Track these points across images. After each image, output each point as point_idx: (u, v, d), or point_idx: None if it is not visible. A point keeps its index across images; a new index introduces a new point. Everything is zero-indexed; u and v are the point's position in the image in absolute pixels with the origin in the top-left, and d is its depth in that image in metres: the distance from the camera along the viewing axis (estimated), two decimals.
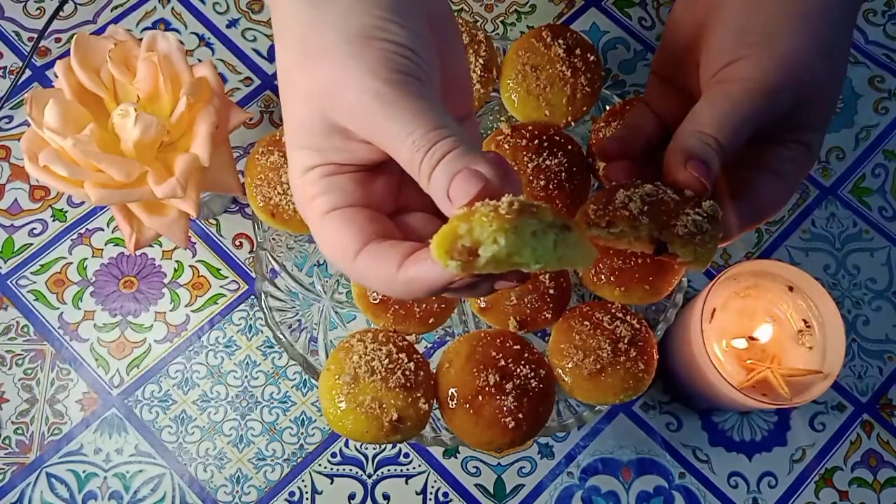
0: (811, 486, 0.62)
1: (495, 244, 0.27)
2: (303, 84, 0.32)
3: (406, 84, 0.30)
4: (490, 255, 0.28)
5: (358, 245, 0.32)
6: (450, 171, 0.29)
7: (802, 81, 0.38)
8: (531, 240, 0.28)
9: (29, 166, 0.51)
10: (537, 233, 0.28)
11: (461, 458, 0.62)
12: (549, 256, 0.29)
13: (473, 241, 0.28)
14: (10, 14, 0.75)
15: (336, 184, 0.33)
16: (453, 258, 0.28)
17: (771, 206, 0.41)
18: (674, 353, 0.60)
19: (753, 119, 0.38)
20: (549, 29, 0.57)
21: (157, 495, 0.61)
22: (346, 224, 0.32)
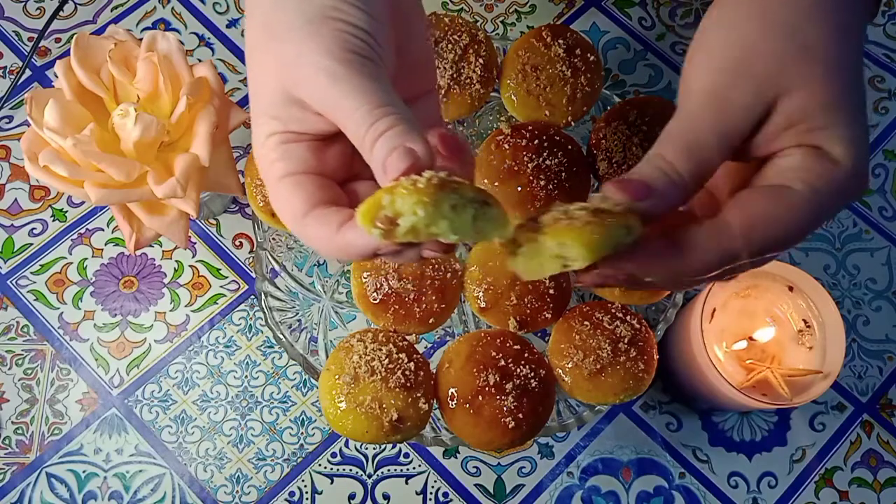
0: (811, 486, 0.62)
1: (414, 215, 0.30)
2: (266, 61, 0.35)
3: (357, 64, 0.33)
4: (409, 224, 0.30)
5: (306, 208, 0.35)
6: (388, 146, 0.32)
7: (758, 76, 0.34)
8: (449, 213, 0.30)
9: (29, 166, 0.51)
10: (457, 207, 0.31)
11: (461, 458, 0.62)
12: (466, 229, 0.31)
13: (395, 212, 0.30)
14: (10, 14, 0.75)
15: (292, 151, 0.36)
16: (376, 226, 0.30)
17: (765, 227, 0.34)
18: (674, 354, 0.60)
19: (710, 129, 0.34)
20: (549, 29, 0.57)
21: (157, 495, 0.61)
22: (298, 188, 0.35)
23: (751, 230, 0.34)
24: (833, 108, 0.34)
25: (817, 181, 0.34)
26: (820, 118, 0.34)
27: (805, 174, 0.34)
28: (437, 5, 0.76)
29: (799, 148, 0.34)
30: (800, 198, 0.34)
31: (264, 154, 0.36)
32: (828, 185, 0.34)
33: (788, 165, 0.35)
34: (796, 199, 0.34)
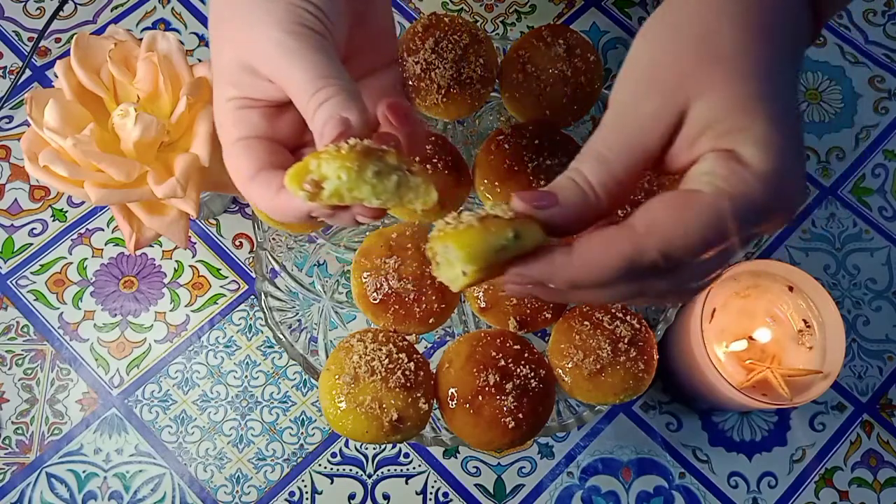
0: (811, 486, 0.62)
1: (338, 179, 0.32)
2: (227, 32, 0.38)
3: (305, 36, 0.36)
4: (332, 188, 0.32)
5: (252, 171, 0.37)
6: (325, 114, 0.34)
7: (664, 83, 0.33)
8: (372, 179, 0.33)
9: (29, 166, 0.51)
10: (381, 173, 0.33)
11: (461, 458, 0.62)
12: (388, 195, 0.33)
13: (321, 176, 0.32)
14: (10, 14, 0.75)
15: (247, 116, 0.38)
16: (303, 189, 0.33)
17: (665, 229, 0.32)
18: (674, 353, 0.60)
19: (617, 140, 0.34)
20: (549, 29, 0.57)
21: (157, 495, 0.61)
22: (247, 151, 0.38)
23: (650, 233, 0.32)
24: (744, 109, 0.32)
25: (723, 183, 0.32)
26: (731, 120, 0.32)
27: (711, 177, 0.32)
28: (437, 5, 0.76)
29: (713, 153, 0.33)
30: (703, 200, 0.32)
31: (222, 118, 0.39)
32: (734, 188, 0.32)
33: (699, 170, 0.33)
34: (699, 201, 0.32)
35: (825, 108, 0.74)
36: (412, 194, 0.34)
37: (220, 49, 0.38)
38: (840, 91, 0.74)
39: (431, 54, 0.55)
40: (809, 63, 0.75)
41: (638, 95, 0.34)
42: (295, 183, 0.33)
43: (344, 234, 0.62)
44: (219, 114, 0.39)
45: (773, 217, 0.33)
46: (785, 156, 0.32)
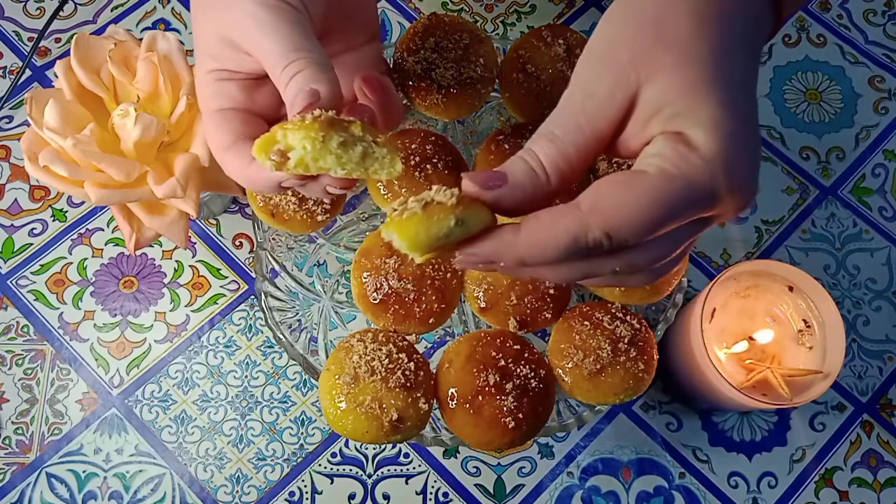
0: (811, 486, 0.62)
1: (302, 149, 0.33)
2: (207, 7, 0.39)
3: (281, 10, 0.37)
4: (297, 158, 0.33)
5: (228, 141, 0.39)
6: (296, 87, 0.35)
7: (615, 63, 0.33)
8: (337, 149, 0.33)
9: (29, 166, 0.51)
10: (346, 143, 0.33)
11: (461, 458, 0.62)
12: (353, 165, 0.34)
13: (286, 146, 0.33)
14: (10, 14, 0.75)
15: (225, 88, 0.40)
16: (269, 159, 0.34)
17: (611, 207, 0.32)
18: (674, 353, 0.60)
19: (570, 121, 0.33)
20: (550, 29, 0.57)
21: (157, 495, 0.61)
22: (224, 122, 0.39)
23: (594, 211, 0.32)
24: (694, 92, 0.32)
25: (668, 165, 0.32)
26: (680, 102, 0.32)
27: (658, 159, 0.32)
28: (437, 5, 0.76)
29: (662, 135, 0.33)
30: (647, 181, 0.31)
31: (202, 89, 0.40)
32: (680, 169, 0.31)
33: (648, 152, 0.33)
34: (645, 182, 0.31)
35: (825, 108, 0.74)
36: (377, 165, 0.35)
37: (200, 23, 0.40)
38: (840, 91, 0.74)
39: (431, 54, 0.55)
40: (809, 63, 0.75)
41: (592, 77, 0.34)
42: (262, 153, 0.34)
43: (344, 234, 0.62)
44: (199, 85, 0.41)
45: (722, 202, 0.32)
46: (734, 140, 0.32)
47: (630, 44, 0.33)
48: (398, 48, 0.57)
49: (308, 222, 0.54)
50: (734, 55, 0.33)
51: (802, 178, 0.71)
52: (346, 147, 0.34)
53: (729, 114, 0.32)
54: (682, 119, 0.32)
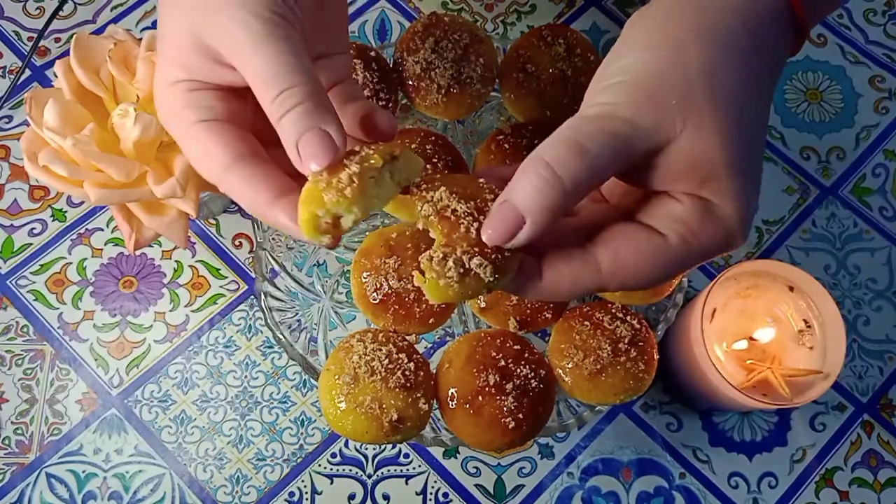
0: (811, 487, 0.62)
1: (352, 213, 0.32)
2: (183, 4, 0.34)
3: (275, 24, 0.33)
4: (351, 221, 0.32)
5: (228, 159, 0.34)
6: (301, 125, 0.32)
7: (661, 105, 0.33)
8: (374, 188, 0.33)
9: (28, 166, 0.51)
10: (376, 178, 0.33)
11: (461, 458, 0.62)
12: (391, 190, 0.34)
13: (334, 216, 0.32)
14: (10, 14, 0.75)
15: (202, 99, 0.35)
16: (323, 234, 0.32)
17: (628, 272, 0.33)
18: (674, 354, 0.60)
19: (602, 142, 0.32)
20: (550, 28, 0.57)
21: (157, 495, 0.60)
22: (217, 136, 0.34)
23: (615, 275, 0.34)
24: (734, 164, 0.33)
25: (690, 235, 0.33)
26: (720, 171, 0.33)
27: (684, 228, 0.33)
28: (437, 5, 0.76)
29: (689, 198, 0.34)
30: (669, 250, 0.33)
31: (170, 99, 0.35)
32: (700, 240, 0.33)
33: (672, 213, 0.34)
34: (666, 251, 0.33)
35: (825, 107, 0.73)
36: (404, 175, 0.34)
37: (170, 22, 0.35)
38: (840, 91, 0.74)
39: (431, 54, 0.55)
40: (809, 63, 0.75)
41: (636, 103, 0.33)
42: (314, 232, 0.32)
43: None
44: (162, 97, 0.35)
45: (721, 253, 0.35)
46: (748, 210, 0.34)
47: (680, 91, 0.33)
48: (398, 48, 0.57)
49: None
50: (765, 113, 0.35)
51: (803, 178, 0.71)
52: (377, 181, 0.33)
53: (750, 184, 0.34)
54: (714, 189, 0.33)
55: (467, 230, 0.33)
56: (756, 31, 0.34)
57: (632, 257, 0.33)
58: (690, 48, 0.33)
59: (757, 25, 0.34)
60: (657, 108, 0.33)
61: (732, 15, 0.34)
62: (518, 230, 0.32)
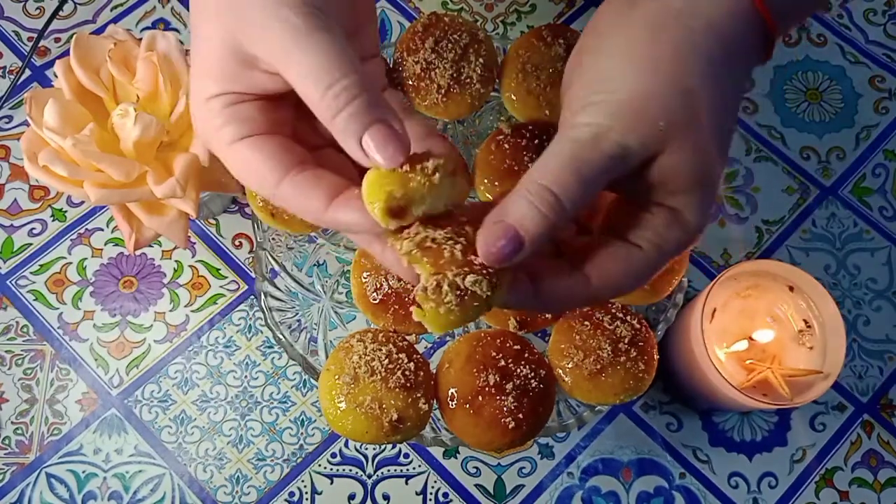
0: (811, 487, 0.62)
1: (425, 204, 0.32)
2: (217, 13, 0.33)
3: (316, 18, 0.31)
4: (421, 212, 0.32)
5: (279, 173, 0.33)
6: (362, 120, 0.31)
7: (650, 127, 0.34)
8: (443, 189, 0.32)
9: (28, 166, 0.51)
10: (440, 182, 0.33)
11: (461, 458, 0.62)
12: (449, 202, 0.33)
13: (406, 202, 0.32)
14: (9, 14, 0.75)
15: (242, 112, 0.33)
16: (392, 217, 0.32)
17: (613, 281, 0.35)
18: (674, 354, 0.60)
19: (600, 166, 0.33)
20: (550, 28, 0.57)
21: (157, 495, 0.60)
22: (261, 152, 0.33)
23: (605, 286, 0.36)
24: (702, 175, 0.35)
25: (665, 245, 0.36)
26: (689, 182, 0.35)
27: (658, 238, 0.36)
28: (437, 5, 0.76)
29: (659, 208, 0.36)
30: (645, 259, 0.36)
31: (208, 118, 0.34)
32: (672, 246, 0.36)
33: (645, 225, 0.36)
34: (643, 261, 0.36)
35: (825, 107, 0.73)
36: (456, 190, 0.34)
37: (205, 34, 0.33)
38: (840, 91, 0.74)
39: (431, 54, 0.55)
40: (809, 63, 0.75)
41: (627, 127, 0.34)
42: (384, 216, 0.31)
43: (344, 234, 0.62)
44: (200, 117, 0.34)
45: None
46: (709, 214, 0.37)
47: (666, 114, 0.34)
48: (398, 48, 0.57)
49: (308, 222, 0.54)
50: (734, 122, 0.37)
51: (803, 178, 0.71)
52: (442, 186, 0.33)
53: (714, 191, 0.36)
54: (682, 201, 0.35)
55: (452, 254, 0.33)
56: (731, 46, 0.35)
57: (616, 268, 0.36)
58: (676, 71, 0.34)
59: (731, 40, 0.35)
60: (645, 130, 0.34)
61: (713, 33, 0.35)
62: (518, 251, 0.32)
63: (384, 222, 0.32)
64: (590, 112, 0.34)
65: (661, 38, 0.34)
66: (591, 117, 0.34)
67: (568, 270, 0.36)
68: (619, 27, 0.36)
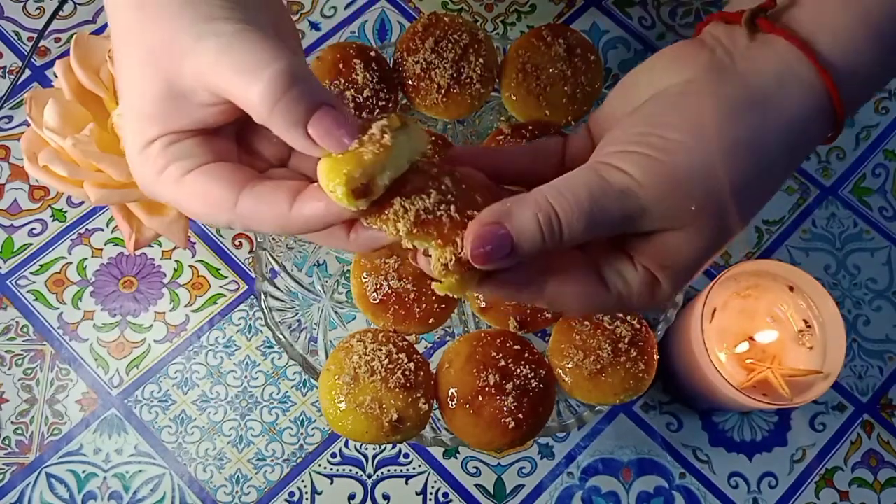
0: (811, 487, 0.62)
1: (386, 171, 0.31)
2: (140, 44, 0.32)
3: (240, 21, 0.31)
4: (386, 181, 0.31)
5: (233, 194, 0.32)
6: (304, 105, 0.30)
7: (681, 204, 0.33)
8: (398, 149, 0.31)
9: (28, 166, 0.51)
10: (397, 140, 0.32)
11: (461, 458, 0.62)
12: (412, 154, 0.33)
13: (368, 178, 0.30)
14: (9, 14, 0.75)
15: (183, 149, 0.33)
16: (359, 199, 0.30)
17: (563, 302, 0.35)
18: (674, 354, 0.60)
19: (612, 220, 0.33)
20: (550, 28, 0.57)
21: (157, 495, 0.60)
22: (213, 175, 0.32)
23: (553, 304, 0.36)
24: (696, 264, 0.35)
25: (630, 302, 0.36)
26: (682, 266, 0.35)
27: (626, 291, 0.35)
28: (437, 5, 0.76)
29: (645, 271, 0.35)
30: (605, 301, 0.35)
31: (148, 163, 0.32)
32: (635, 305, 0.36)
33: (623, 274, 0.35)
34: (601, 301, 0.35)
35: None
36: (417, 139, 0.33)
37: (130, 71, 0.32)
38: None
39: (431, 54, 0.55)
40: None
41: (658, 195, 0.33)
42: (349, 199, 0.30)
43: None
44: (141, 163, 0.33)
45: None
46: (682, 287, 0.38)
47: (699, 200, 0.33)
48: (398, 48, 0.57)
49: None
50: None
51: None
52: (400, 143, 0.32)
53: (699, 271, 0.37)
54: (667, 276, 0.35)
55: (451, 218, 0.32)
56: (799, 148, 0.34)
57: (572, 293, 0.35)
58: (733, 164, 0.33)
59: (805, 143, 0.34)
60: (675, 205, 0.33)
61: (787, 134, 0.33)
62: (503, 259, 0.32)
63: (352, 205, 0.30)
64: (631, 160, 0.33)
65: (735, 124, 0.33)
66: (629, 166, 0.33)
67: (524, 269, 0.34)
68: (701, 85, 0.34)
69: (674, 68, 0.35)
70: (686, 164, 0.32)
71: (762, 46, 0.34)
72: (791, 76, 0.33)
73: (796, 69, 0.33)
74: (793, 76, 0.33)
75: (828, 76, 0.33)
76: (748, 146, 0.33)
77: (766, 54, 0.34)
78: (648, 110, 0.35)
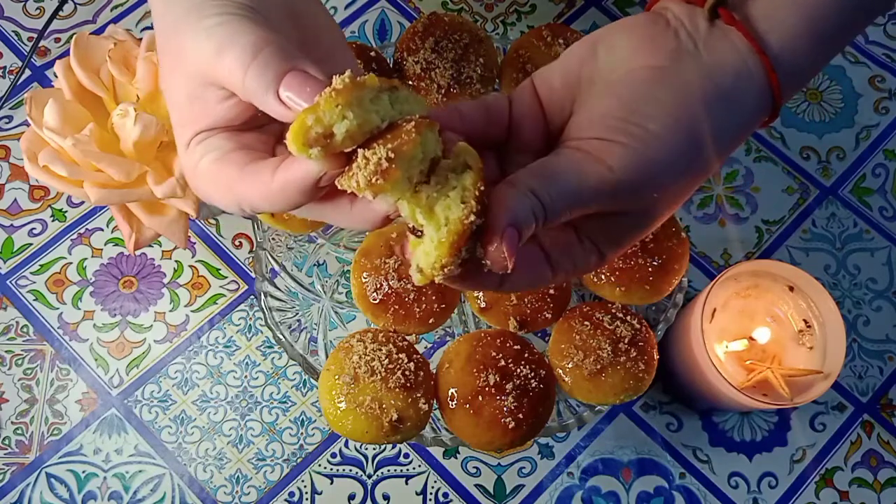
0: (811, 487, 0.62)
1: (345, 119, 0.29)
2: (167, 53, 0.34)
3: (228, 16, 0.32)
4: (344, 130, 0.29)
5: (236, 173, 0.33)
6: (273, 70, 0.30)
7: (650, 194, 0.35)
8: (372, 106, 0.30)
9: (28, 166, 0.51)
10: (373, 99, 0.30)
11: (461, 458, 0.62)
12: (392, 113, 0.31)
13: (325, 127, 0.29)
14: (9, 14, 0.75)
15: (212, 143, 0.34)
16: (312, 146, 0.29)
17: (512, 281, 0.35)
18: (674, 354, 0.60)
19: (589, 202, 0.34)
20: (550, 29, 0.57)
21: (157, 495, 0.60)
22: (225, 163, 0.33)
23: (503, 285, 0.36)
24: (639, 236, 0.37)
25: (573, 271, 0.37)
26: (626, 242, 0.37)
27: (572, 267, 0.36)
28: (437, 5, 0.76)
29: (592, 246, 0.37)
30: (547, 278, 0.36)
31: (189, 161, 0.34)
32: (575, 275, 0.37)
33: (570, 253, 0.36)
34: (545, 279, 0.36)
35: (825, 107, 0.73)
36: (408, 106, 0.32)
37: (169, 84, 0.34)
38: (840, 91, 0.74)
39: (431, 54, 0.55)
40: None
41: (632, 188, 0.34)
42: (302, 146, 0.29)
43: (344, 234, 0.62)
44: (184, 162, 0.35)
45: None
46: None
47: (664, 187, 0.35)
48: (398, 48, 0.57)
49: (308, 222, 0.54)
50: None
51: (803, 178, 0.71)
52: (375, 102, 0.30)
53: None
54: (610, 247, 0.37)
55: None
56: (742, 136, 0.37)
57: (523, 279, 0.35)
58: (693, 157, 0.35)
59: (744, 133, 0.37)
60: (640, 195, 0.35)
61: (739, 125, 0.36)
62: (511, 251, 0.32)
63: (303, 152, 0.29)
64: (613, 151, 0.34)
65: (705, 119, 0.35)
66: (609, 157, 0.33)
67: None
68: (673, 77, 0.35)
69: (641, 49, 0.36)
70: (661, 158, 0.34)
71: (722, 38, 0.35)
72: (747, 74, 0.35)
73: (751, 67, 0.35)
74: (748, 74, 0.35)
75: (775, 77, 0.35)
76: (712, 140, 0.35)
77: (725, 48, 0.35)
78: (626, 95, 0.35)
